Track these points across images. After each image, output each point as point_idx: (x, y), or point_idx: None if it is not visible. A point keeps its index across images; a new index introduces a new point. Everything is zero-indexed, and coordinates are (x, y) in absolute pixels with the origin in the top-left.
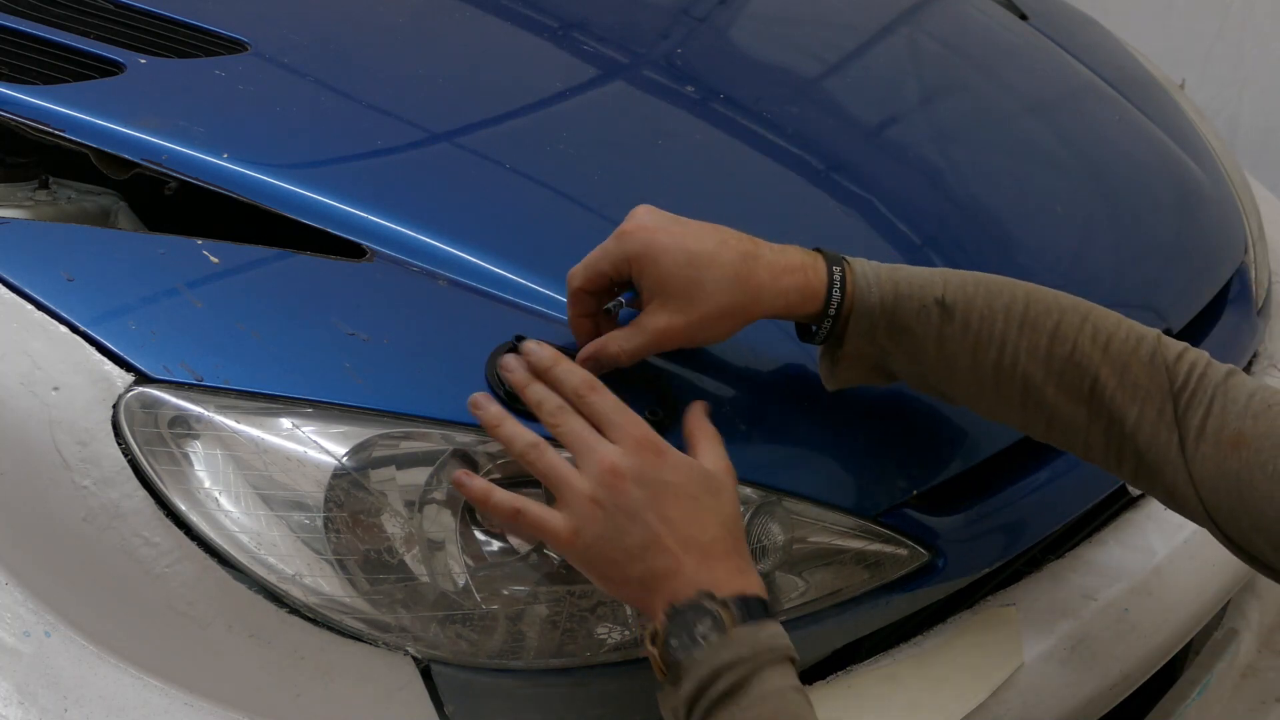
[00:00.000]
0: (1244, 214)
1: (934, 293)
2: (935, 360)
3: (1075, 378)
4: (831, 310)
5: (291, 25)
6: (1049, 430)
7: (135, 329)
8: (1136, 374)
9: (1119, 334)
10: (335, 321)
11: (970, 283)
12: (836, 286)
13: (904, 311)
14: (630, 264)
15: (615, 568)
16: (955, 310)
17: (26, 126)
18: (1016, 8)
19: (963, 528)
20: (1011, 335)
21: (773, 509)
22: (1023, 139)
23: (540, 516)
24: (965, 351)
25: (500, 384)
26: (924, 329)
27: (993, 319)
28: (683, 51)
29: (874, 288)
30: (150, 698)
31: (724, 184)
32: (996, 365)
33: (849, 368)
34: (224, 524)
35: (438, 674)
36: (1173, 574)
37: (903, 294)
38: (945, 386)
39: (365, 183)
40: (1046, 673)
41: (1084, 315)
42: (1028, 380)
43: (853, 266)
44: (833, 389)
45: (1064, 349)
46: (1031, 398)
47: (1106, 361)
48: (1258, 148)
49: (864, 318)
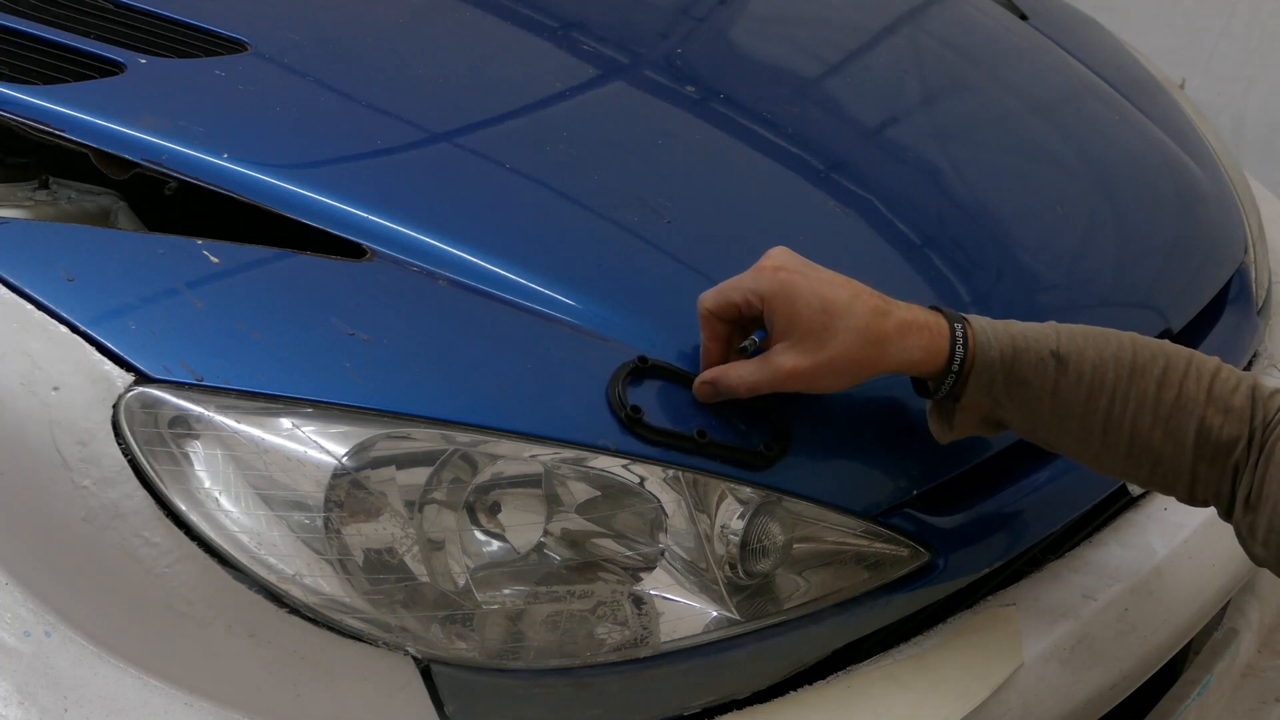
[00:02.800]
0: (1244, 214)
1: (1049, 345)
2: (1049, 411)
3: (1181, 421)
4: (955, 367)
5: (291, 25)
6: (1152, 475)
7: (135, 329)
8: (1240, 410)
9: (1220, 375)
10: (335, 321)
11: (1080, 334)
12: (959, 344)
13: (1022, 365)
14: (764, 301)
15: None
16: (1070, 361)
17: (26, 126)
18: (1016, 8)
19: (963, 528)
20: (1122, 384)
21: (773, 509)
22: (1023, 139)
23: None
24: (1079, 401)
25: (622, 405)
26: (1040, 381)
27: (1104, 368)
28: (683, 51)
29: (994, 344)
30: (150, 698)
31: (725, 184)
32: (1107, 414)
33: (963, 420)
34: (224, 524)
35: (438, 674)
36: (1173, 574)
37: (1020, 348)
38: (1054, 436)
39: (365, 183)
40: (1046, 673)
41: (1187, 359)
42: (1135, 427)
43: (972, 324)
44: (945, 441)
45: (1170, 393)
46: (1139, 444)
47: (1211, 402)
48: (1263, 145)
49: (984, 373)
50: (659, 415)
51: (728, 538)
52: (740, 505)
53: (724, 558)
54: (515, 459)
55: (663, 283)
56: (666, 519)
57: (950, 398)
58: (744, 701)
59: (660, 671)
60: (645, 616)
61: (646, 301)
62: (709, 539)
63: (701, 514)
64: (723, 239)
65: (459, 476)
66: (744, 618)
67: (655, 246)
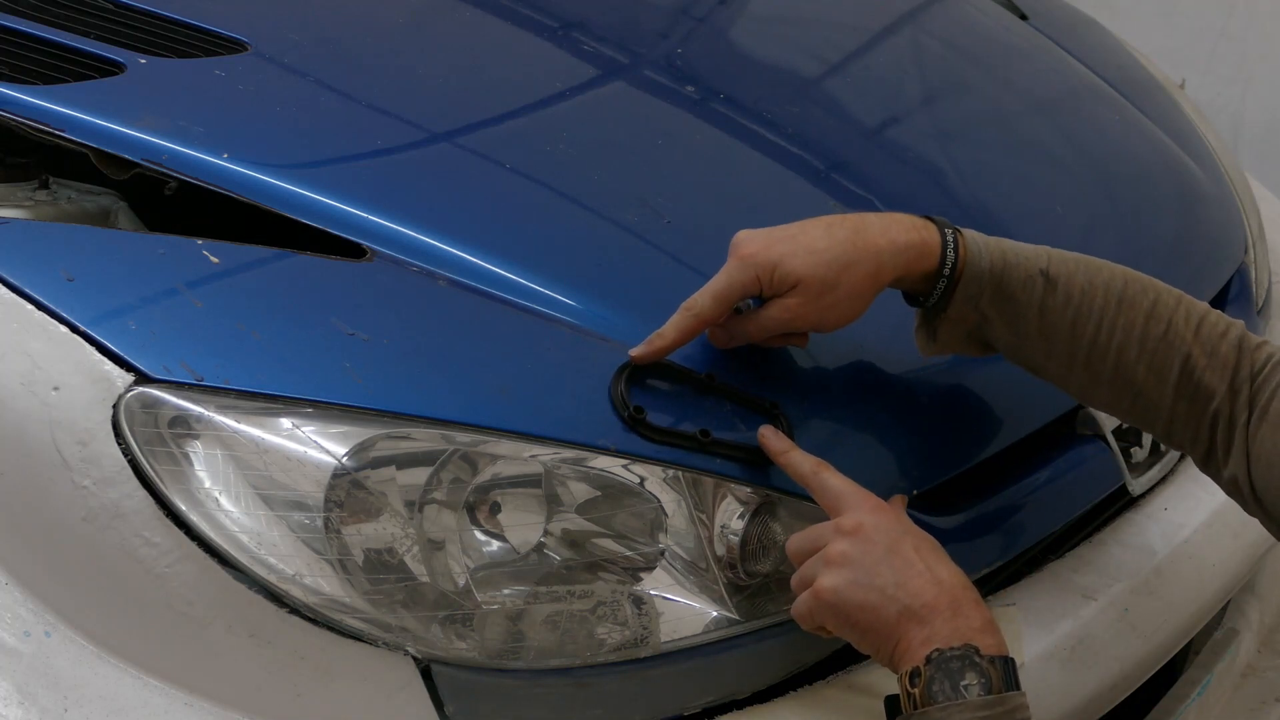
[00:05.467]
0: (1244, 214)
1: (1039, 264)
2: (1035, 331)
3: (1166, 357)
4: (946, 270)
5: (291, 25)
6: (1133, 408)
7: (135, 329)
8: (1225, 355)
9: (1209, 318)
10: (335, 321)
11: (1071, 259)
12: (950, 247)
13: (1011, 279)
14: (759, 280)
15: (870, 613)
16: (1059, 282)
17: (26, 126)
18: (1016, 8)
19: (963, 528)
20: (1110, 311)
21: (773, 509)
22: (1023, 139)
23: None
24: (1065, 324)
25: (625, 405)
26: (1028, 298)
27: (1093, 294)
28: (683, 51)
29: (984, 254)
30: (150, 698)
31: (725, 183)
32: (1093, 340)
33: (948, 333)
34: (224, 524)
35: (438, 674)
36: (1173, 574)
37: (1010, 263)
38: (1038, 359)
39: (365, 183)
40: (1046, 673)
41: (1178, 297)
42: (1121, 357)
43: (964, 234)
44: (928, 355)
45: (1158, 328)
46: (1122, 374)
47: (1198, 342)
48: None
49: (973, 282)
50: (662, 415)
51: (728, 538)
52: (740, 505)
53: (724, 558)
54: (515, 459)
55: (663, 283)
56: (666, 519)
57: (938, 308)
58: (744, 701)
59: (660, 671)
60: (645, 616)
61: (646, 301)
62: (709, 539)
63: (701, 514)
64: (723, 239)
65: (459, 476)
66: (744, 618)
67: (655, 246)
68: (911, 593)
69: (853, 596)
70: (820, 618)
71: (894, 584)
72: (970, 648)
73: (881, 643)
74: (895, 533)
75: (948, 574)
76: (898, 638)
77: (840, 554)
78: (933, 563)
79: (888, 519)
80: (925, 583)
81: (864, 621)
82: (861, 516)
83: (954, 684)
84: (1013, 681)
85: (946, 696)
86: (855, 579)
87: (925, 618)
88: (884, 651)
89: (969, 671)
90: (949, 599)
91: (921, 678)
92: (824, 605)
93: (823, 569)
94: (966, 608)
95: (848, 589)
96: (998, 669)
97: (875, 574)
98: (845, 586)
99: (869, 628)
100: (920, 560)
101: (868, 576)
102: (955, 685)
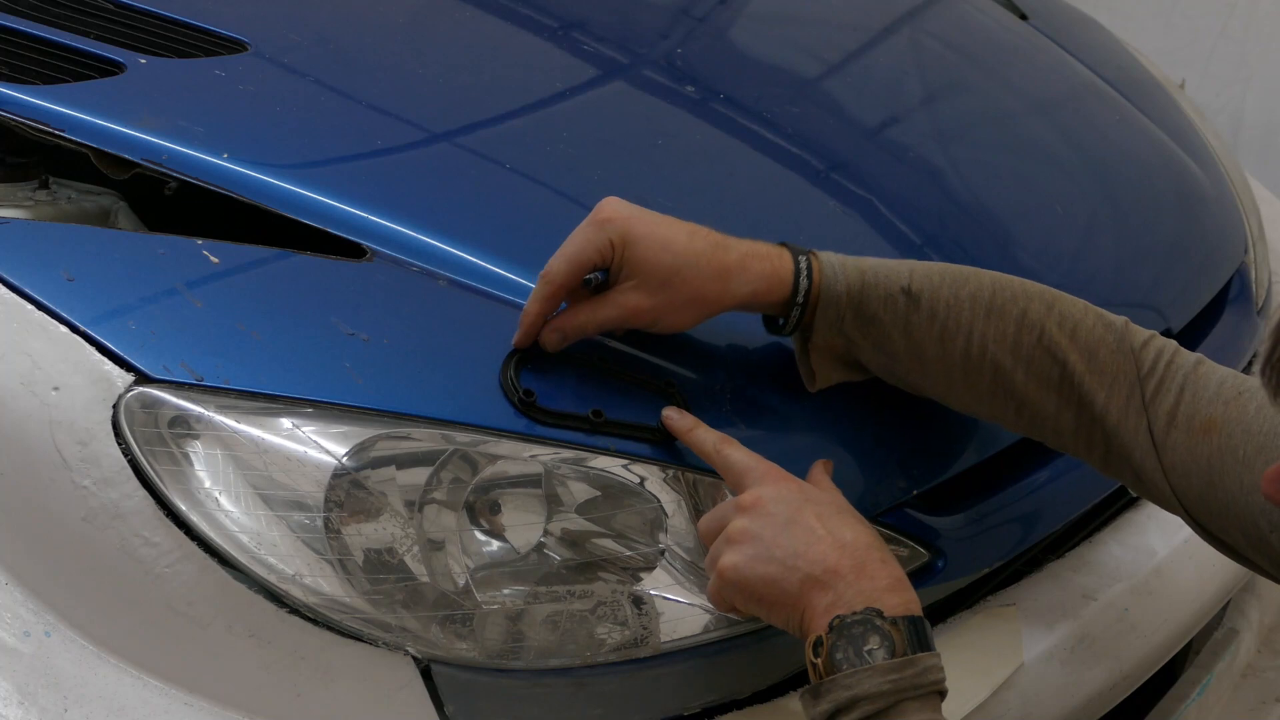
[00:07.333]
0: (1244, 214)
1: (900, 282)
2: (903, 350)
3: (1044, 364)
4: (799, 299)
5: (291, 25)
6: (1018, 418)
7: (135, 329)
8: (1104, 359)
9: (1086, 321)
10: (335, 321)
11: (936, 272)
12: (803, 274)
13: (870, 300)
14: (612, 247)
15: (773, 586)
16: (921, 298)
17: (26, 126)
18: (1016, 8)
19: (963, 528)
20: (979, 323)
21: None
22: (1023, 139)
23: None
24: (932, 340)
25: (515, 390)
26: (891, 317)
27: (959, 307)
28: (683, 51)
29: (840, 276)
30: (150, 698)
31: (724, 183)
32: (965, 353)
33: (820, 362)
34: (224, 524)
35: (438, 674)
36: (1173, 574)
37: (869, 283)
38: (914, 378)
39: (365, 183)
40: (1046, 673)
41: (1050, 303)
42: (997, 368)
43: (819, 258)
44: (813, 389)
45: (1031, 336)
46: (1001, 385)
47: (1075, 348)
48: (1261, 145)
49: (830, 306)
50: (553, 398)
51: None
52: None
53: None
54: (515, 459)
55: None
56: (666, 519)
57: (803, 338)
58: (744, 701)
59: (660, 671)
60: (645, 616)
61: None
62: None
63: (701, 514)
64: None
65: (459, 476)
66: (744, 618)
67: None
68: (812, 560)
69: (754, 571)
70: (728, 597)
71: (794, 554)
72: (872, 610)
73: (789, 615)
74: (795, 502)
75: (852, 535)
76: (803, 608)
77: (740, 530)
78: (835, 526)
79: (788, 489)
80: (827, 547)
81: (769, 595)
82: (761, 490)
83: (857, 650)
84: (921, 641)
85: (850, 663)
86: (756, 553)
87: (828, 583)
88: (793, 623)
89: (871, 635)
90: (852, 561)
91: (824, 646)
92: (728, 584)
93: (725, 547)
94: (871, 567)
95: (748, 564)
96: (900, 630)
97: (775, 545)
98: (745, 562)
99: (775, 601)
100: (822, 526)
101: (768, 549)
102: (859, 651)
